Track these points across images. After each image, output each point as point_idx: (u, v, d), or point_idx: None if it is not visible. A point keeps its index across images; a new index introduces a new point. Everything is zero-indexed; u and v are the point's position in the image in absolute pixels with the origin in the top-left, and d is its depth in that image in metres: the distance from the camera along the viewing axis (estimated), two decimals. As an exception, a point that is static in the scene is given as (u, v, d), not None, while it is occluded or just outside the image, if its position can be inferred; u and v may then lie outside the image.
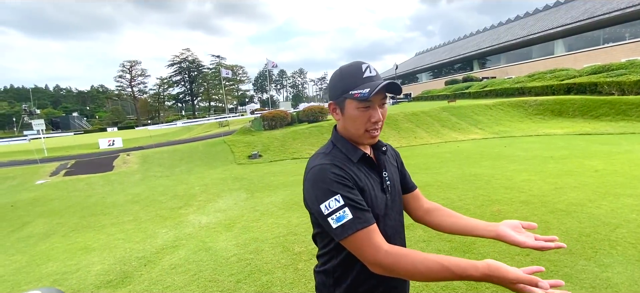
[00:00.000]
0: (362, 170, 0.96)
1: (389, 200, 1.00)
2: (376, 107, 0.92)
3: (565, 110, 14.22)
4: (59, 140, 30.61)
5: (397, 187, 1.07)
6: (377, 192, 0.97)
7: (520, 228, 0.95)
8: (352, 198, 0.86)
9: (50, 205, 7.37)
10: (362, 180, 0.93)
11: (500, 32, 38.86)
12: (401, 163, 1.17)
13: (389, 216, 1.00)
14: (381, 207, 0.97)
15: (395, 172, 1.09)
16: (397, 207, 1.04)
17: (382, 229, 0.93)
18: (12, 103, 76.99)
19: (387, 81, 0.89)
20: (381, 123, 0.95)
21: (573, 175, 5.58)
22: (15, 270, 3.92)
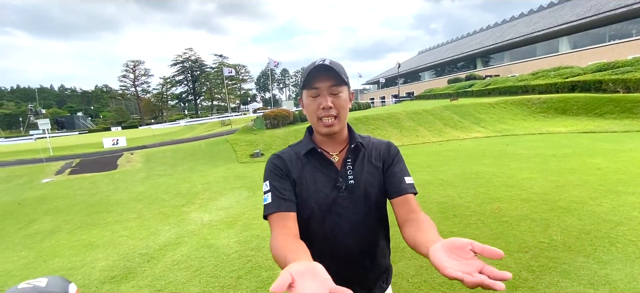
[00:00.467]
0: (310, 163, 1.01)
1: (342, 199, 0.97)
2: (325, 96, 0.95)
3: (569, 108, 14.13)
4: (64, 140, 30.91)
5: (366, 189, 1.00)
6: (322, 187, 0.98)
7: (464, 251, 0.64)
8: (276, 186, 0.96)
9: (56, 203, 7.46)
10: (299, 173, 0.99)
11: (504, 29, 38.60)
12: (390, 164, 1.04)
13: (339, 215, 0.97)
14: (323, 202, 0.97)
15: (371, 173, 1.01)
16: (359, 209, 0.99)
17: (327, 227, 0.97)
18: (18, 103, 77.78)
19: (317, 64, 0.93)
20: (335, 111, 0.95)
21: (575, 173, 5.57)
22: (23, 266, 4.00)
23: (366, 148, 1.04)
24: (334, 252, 0.98)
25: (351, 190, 0.98)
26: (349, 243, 0.98)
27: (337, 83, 0.95)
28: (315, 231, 0.99)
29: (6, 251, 4.69)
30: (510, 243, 3.18)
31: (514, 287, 2.47)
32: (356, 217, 0.98)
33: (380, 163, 1.04)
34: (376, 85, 58.81)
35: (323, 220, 0.98)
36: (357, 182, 0.99)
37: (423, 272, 2.81)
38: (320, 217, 0.98)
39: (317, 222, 0.99)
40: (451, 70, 43.26)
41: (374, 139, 1.09)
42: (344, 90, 0.98)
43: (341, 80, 0.95)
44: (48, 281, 0.82)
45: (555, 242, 3.13)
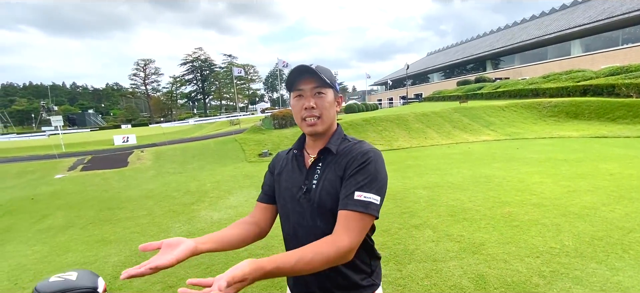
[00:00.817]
0: (291, 162, 1.09)
1: (302, 200, 0.99)
2: (309, 97, 0.98)
3: (580, 112, 13.91)
4: (76, 136, 31.46)
5: (322, 197, 0.96)
6: (290, 185, 1.04)
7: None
8: (265, 180, 1.15)
9: (68, 199, 7.61)
10: (279, 170, 1.10)
11: (515, 31, 38.15)
12: (349, 175, 0.94)
13: (302, 215, 1.00)
14: (290, 201, 1.03)
15: (330, 180, 0.97)
16: (313, 213, 0.97)
17: (291, 226, 1.04)
18: (31, 99, 79.36)
19: (297, 65, 0.98)
20: (318, 111, 0.98)
21: (587, 178, 5.49)
22: (37, 260, 4.09)
23: (338, 154, 1.00)
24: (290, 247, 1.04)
25: (310, 194, 0.98)
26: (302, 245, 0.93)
27: (320, 85, 0.98)
28: (283, 226, 1.08)
29: (20, 245, 4.81)
30: (521, 248, 3.16)
31: (524, 292, 2.45)
32: (312, 221, 0.98)
33: (342, 172, 0.96)
34: (384, 86, 58.60)
35: (288, 217, 1.04)
36: (317, 187, 0.98)
37: (433, 274, 2.81)
38: (285, 214, 1.05)
39: (285, 218, 1.06)
40: (460, 72, 42.88)
41: (358, 146, 1.00)
42: (328, 92, 1.00)
43: (324, 82, 0.97)
44: (78, 275, 0.86)
45: (566, 247, 3.10)
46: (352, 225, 0.87)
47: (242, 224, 1.07)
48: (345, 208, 0.88)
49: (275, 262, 0.76)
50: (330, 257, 0.83)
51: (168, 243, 0.83)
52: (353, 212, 0.87)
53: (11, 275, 3.63)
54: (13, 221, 6.16)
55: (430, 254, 3.19)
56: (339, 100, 1.06)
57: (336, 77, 1.07)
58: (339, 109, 1.06)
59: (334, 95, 1.03)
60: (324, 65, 1.02)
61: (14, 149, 21.17)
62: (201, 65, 78.50)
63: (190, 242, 0.84)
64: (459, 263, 2.97)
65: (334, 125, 1.06)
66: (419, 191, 5.49)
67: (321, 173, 0.99)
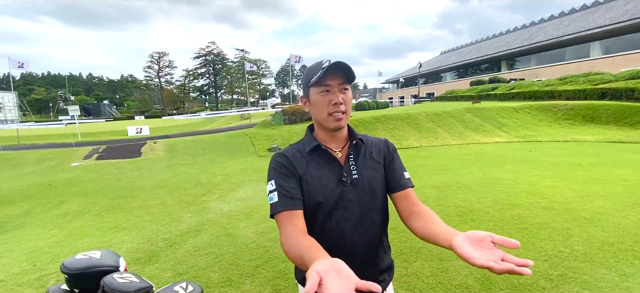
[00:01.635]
0: (315, 159, 1.04)
1: (348, 193, 1.01)
2: (336, 92, 1.00)
3: (597, 116, 13.57)
4: (91, 126, 32.23)
5: (369, 183, 1.04)
6: (327, 182, 1.01)
7: (486, 242, 0.73)
8: (282, 184, 0.99)
9: (84, 186, 7.85)
10: (304, 169, 1.02)
11: (532, 32, 37.29)
12: (391, 161, 1.11)
13: (345, 208, 1.01)
14: (329, 197, 1.00)
15: (373, 168, 1.07)
16: (363, 203, 1.03)
17: (333, 220, 1.00)
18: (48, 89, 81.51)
19: (334, 61, 0.97)
20: (344, 106, 1.01)
21: (601, 183, 5.39)
22: (54, 244, 4.26)
23: (366, 144, 1.09)
24: (340, 246, 1.00)
25: (355, 184, 1.02)
26: (355, 237, 1.01)
27: (346, 81, 1.01)
28: (322, 226, 1.01)
29: (38, 229, 5.00)
30: (529, 250, 3.15)
31: (530, 294, 2.45)
32: (361, 211, 1.02)
33: (381, 159, 1.09)
34: (396, 84, 58.14)
35: (330, 215, 1.01)
36: (360, 177, 1.03)
37: (439, 273, 2.82)
38: (327, 212, 1.01)
39: (324, 217, 1.01)
40: (474, 72, 42.23)
41: (371, 137, 1.14)
42: (349, 88, 1.04)
43: (351, 79, 1.01)
44: (102, 254, 0.92)
45: (576, 252, 3.07)
46: (415, 196, 1.07)
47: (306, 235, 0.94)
48: (407, 186, 1.07)
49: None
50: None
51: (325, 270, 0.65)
52: (412, 188, 1.08)
53: (30, 257, 3.79)
54: (31, 206, 6.40)
55: (436, 253, 3.20)
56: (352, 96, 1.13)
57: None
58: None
59: (352, 91, 1.07)
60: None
61: (33, 137, 21.84)
62: (214, 59, 79.27)
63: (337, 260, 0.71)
64: (465, 263, 2.96)
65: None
66: (427, 191, 5.48)
67: (359, 163, 1.05)
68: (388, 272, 1.12)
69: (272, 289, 2.75)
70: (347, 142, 1.09)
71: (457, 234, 0.78)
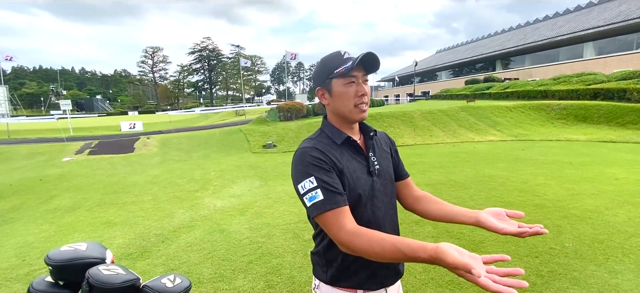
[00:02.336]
0: (345, 152, 1.02)
1: (376, 183, 1.04)
2: (361, 83, 1.00)
3: (589, 116, 13.74)
4: (84, 121, 31.87)
5: (388, 172, 1.10)
6: (361, 174, 1.02)
7: (504, 216, 0.95)
8: (325, 180, 0.91)
9: (75, 181, 7.75)
10: (342, 163, 0.98)
11: (527, 31, 37.55)
12: (395, 152, 1.20)
13: (377, 198, 1.04)
14: (366, 188, 1.01)
15: (387, 158, 1.13)
16: (387, 191, 1.07)
17: (369, 210, 1.00)
18: (40, 83, 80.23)
19: (366, 52, 0.95)
20: (367, 98, 1.02)
21: (592, 182, 5.46)
22: (45, 239, 4.20)
23: (377, 136, 1.15)
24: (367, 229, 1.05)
25: (380, 174, 1.06)
26: (386, 225, 1.05)
27: (367, 73, 1.02)
28: (361, 217, 0.99)
29: (28, 224, 4.93)
30: (520, 247, 3.17)
31: (521, 291, 2.47)
32: (387, 199, 1.07)
33: (389, 149, 1.17)
34: (391, 82, 58.25)
35: (366, 206, 1.01)
36: (381, 167, 1.07)
37: (431, 269, 2.84)
38: (364, 203, 1.00)
39: (362, 208, 1.00)
40: (469, 71, 42.45)
41: (381, 131, 1.21)
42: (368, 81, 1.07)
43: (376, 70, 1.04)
44: (87, 246, 0.90)
45: (566, 249, 3.10)
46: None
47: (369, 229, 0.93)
48: (408, 175, 1.21)
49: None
50: None
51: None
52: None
53: (19, 252, 3.73)
54: (22, 200, 6.30)
55: (429, 249, 3.21)
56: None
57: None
58: None
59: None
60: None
61: (24, 131, 21.51)
62: (209, 54, 78.60)
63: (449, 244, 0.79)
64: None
65: None
66: (421, 188, 5.43)
67: (376, 154, 1.09)
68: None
69: (265, 285, 2.74)
70: (361, 134, 1.12)
71: (479, 212, 0.96)
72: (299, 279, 2.78)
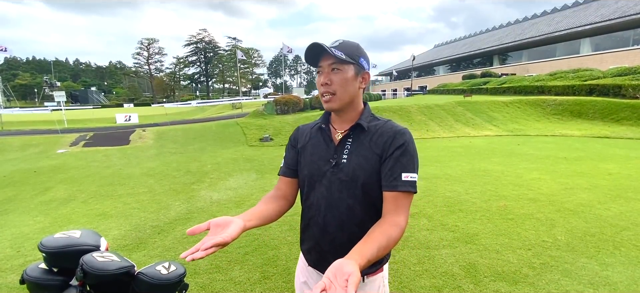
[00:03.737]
0: (316, 136, 1.11)
1: (330, 174, 1.02)
2: (326, 73, 1.00)
3: (585, 111, 13.83)
4: (78, 113, 31.58)
5: (355, 171, 0.99)
6: (318, 159, 1.06)
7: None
8: (286, 154, 1.17)
9: (70, 173, 7.70)
10: (305, 143, 1.12)
11: (525, 27, 37.59)
12: (390, 155, 0.98)
13: (326, 187, 1.03)
14: (315, 172, 1.06)
15: (365, 158, 1.00)
16: (343, 188, 1.00)
17: (315, 195, 1.06)
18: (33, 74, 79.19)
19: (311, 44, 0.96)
20: (333, 88, 0.99)
21: (585, 176, 5.52)
22: (39, 230, 4.18)
23: (371, 132, 1.03)
24: (314, 219, 1.07)
25: (341, 168, 1.01)
26: (329, 216, 1.03)
27: (336, 61, 0.97)
28: (306, 197, 1.10)
29: (23, 215, 4.90)
30: (513, 239, 3.21)
31: (514, 282, 2.51)
32: (339, 194, 1.01)
33: (379, 150, 0.99)
34: (389, 76, 58.20)
35: (312, 189, 1.07)
36: (348, 162, 1.01)
37: (425, 261, 2.87)
38: (310, 186, 1.07)
39: (309, 190, 1.08)
40: (467, 66, 42.50)
41: (389, 126, 1.04)
42: (346, 69, 0.99)
43: (340, 58, 0.96)
44: (82, 233, 0.90)
45: (558, 241, 3.15)
46: (404, 203, 0.95)
47: (274, 199, 1.11)
48: (396, 189, 0.94)
49: (366, 257, 0.78)
50: (397, 238, 0.90)
51: (216, 223, 0.86)
52: (404, 193, 0.94)
53: (14, 243, 3.71)
54: (16, 192, 6.26)
55: (423, 242, 3.24)
56: (365, 76, 1.04)
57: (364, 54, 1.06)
58: (364, 86, 1.05)
59: (355, 71, 1.00)
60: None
61: (17, 123, 21.28)
62: (205, 47, 77.91)
63: (240, 221, 0.87)
64: (451, 251, 3.02)
65: (357, 102, 1.06)
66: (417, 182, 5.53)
67: (353, 148, 1.02)
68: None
69: (261, 276, 2.76)
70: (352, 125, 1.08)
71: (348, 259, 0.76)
72: (294, 270, 2.80)
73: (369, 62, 1.06)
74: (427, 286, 2.50)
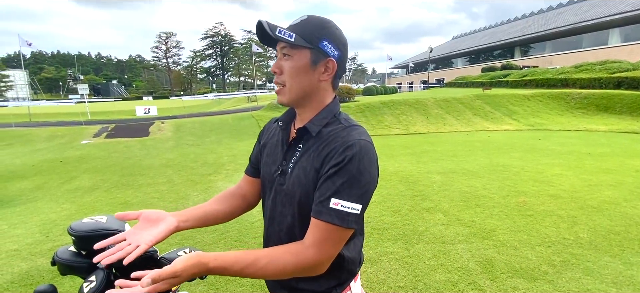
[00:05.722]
0: (279, 134, 0.92)
1: (278, 183, 0.86)
2: (278, 58, 0.83)
3: (612, 105, 13.24)
4: (100, 106, 32.65)
5: (294, 183, 0.81)
6: (271, 161, 0.90)
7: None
8: (253, 151, 1.03)
9: (93, 163, 8.00)
10: (264, 141, 0.97)
11: (549, 17, 36.13)
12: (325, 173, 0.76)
13: (276, 193, 0.87)
14: (267, 179, 0.91)
15: (304, 168, 0.80)
16: (284, 199, 0.84)
17: (267, 202, 0.91)
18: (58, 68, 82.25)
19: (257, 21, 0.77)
20: (282, 78, 0.81)
21: (611, 173, 5.30)
22: (66, 217, 4.38)
23: (321, 138, 0.81)
24: (265, 227, 0.93)
25: (285, 177, 0.84)
26: (270, 229, 0.90)
27: (287, 44, 0.78)
28: (263, 203, 0.96)
29: (51, 202, 5.14)
30: (532, 236, 3.14)
31: (532, 279, 2.46)
32: (281, 208, 0.85)
33: (319, 164, 0.78)
34: (405, 69, 57.31)
35: (264, 195, 0.93)
36: (291, 172, 0.83)
37: (440, 255, 2.84)
38: (263, 191, 0.95)
39: (262, 196, 0.97)
40: (486, 58, 41.37)
41: (343, 134, 0.79)
42: (299, 54, 0.78)
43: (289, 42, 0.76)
44: (107, 218, 0.94)
45: (580, 239, 3.05)
46: (325, 237, 0.73)
47: (228, 197, 1.00)
48: (319, 216, 0.73)
49: (223, 261, 0.68)
50: (288, 267, 0.72)
51: (147, 216, 0.79)
52: (326, 224, 0.72)
53: (43, 229, 3.91)
54: (44, 180, 6.56)
55: (439, 236, 3.21)
56: (329, 64, 0.80)
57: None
58: (328, 77, 0.82)
59: (311, 57, 0.79)
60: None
61: (44, 115, 22.21)
62: (221, 40, 78.78)
63: (172, 220, 0.81)
64: (467, 246, 2.98)
65: (318, 98, 0.84)
66: (433, 176, 5.46)
67: (299, 157, 0.83)
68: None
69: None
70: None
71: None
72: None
73: (341, 46, 0.82)
74: (442, 281, 2.48)
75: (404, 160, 6.94)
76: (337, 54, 0.81)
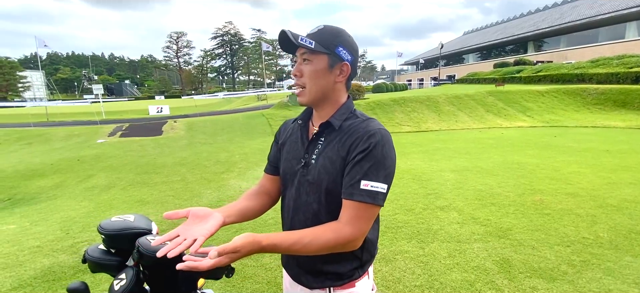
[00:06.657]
0: (296, 132, 1.02)
1: (301, 174, 0.95)
2: (298, 64, 0.92)
3: (630, 101, 12.86)
4: (114, 105, 33.28)
5: (319, 174, 0.91)
6: (292, 157, 0.99)
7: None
8: (271, 150, 1.13)
9: (109, 162, 8.18)
10: (283, 140, 1.06)
11: (564, 10, 35.21)
12: (352, 159, 0.87)
13: (298, 188, 0.96)
14: (288, 172, 1.00)
15: (330, 158, 0.90)
16: (309, 189, 0.94)
17: (289, 195, 0.99)
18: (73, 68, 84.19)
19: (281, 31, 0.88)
20: (302, 80, 0.92)
21: (630, 170, 5.16)
22: (84, 214, 4.49)
23: (342, 131, 0.92)
24: (285, 220, 1.03)
25: (309, 169, 0.94)
26: (295, 219, 0.97)
27: (307, 51, 0.89)
28: (284, 196, 1.04)
29: (69, 200, 5.28)
30: (550, 235, 3.08)
31: (551, 279, 2.42)
32: (306, 197, 0.94)
33: (345, 153, 0.89)
34: (415, 66, 56.74)
35: (286, 188, 1.02)
36: (315, 163, 0.93)
37: (456, 254, 2.82)
38: (284, 186, 1.03)
39: (283, 190, 1.04)
40: (498, 54, 40.57)
41: (364, 125, 0.91)
42: (318, 59, 0.89)
43: (309, 48, 0.87)
44: (135, 217, 0.96)
45: (600, 238, 2.98)
46: (360, 215, 0.84)
47: (256, 195, 1.08)
48: (351, 197, 0.84)
49: (273, 240, 0.78)
50: (330, 243, 0.82)
51: (195, 213, 0.83)
52: (359, 203, 0.83)
53: (63, 226, 4.02)
54: (63, 179, 6.74)
55: (454, 235, 3.18)
56: (343, 67, 0.92)
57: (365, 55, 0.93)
58: (342, 79, 0.93)
59: (328, 62, 0.90)
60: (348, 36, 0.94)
61: (60, 114, 22.77)
62: (231, 39, 79.35)
63: (219, 216, 0.86)
64: (483, 245, 2.95)
65: (335, 97, 0.95)
66: (446, 174, 5.41)
67: (322, 149, 0.93)
68: (331, 278, 0.95)
69: (290, 264, 2.82)
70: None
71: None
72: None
73: (354, 51, 0.93)
74: (459, 280, 2.46)
75: (416, 158, 6.88)
76: (350, 58, 0.92)
